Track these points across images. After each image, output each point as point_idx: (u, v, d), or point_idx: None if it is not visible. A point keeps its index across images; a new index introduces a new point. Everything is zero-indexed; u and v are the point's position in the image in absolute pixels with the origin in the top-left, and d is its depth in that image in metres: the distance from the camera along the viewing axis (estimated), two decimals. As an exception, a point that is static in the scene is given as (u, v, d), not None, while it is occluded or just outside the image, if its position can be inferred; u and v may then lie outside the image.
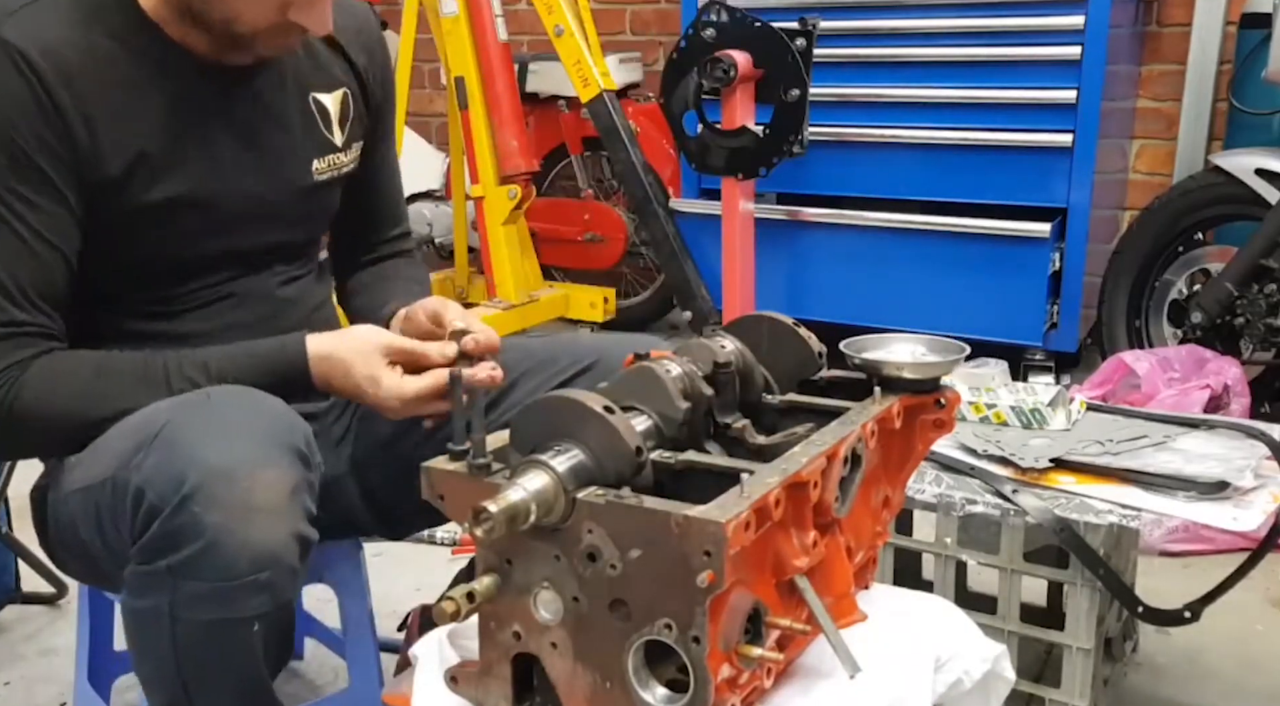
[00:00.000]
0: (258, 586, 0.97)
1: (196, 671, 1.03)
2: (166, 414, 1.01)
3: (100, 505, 1.06)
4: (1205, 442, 1.56)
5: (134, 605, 1.02)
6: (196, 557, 0.95)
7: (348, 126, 1.34)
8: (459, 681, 0.95)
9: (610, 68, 3.24)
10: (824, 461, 0.91)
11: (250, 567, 0.96)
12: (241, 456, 0.97)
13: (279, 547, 0.97)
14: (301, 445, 1.02)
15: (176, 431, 0.99)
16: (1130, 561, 1.65)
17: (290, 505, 0.98)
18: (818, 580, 0.94)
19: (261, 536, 0.96)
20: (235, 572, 0.96)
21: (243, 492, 0.95)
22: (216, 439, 0.98)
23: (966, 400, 1.67)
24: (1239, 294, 2.57)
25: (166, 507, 0.95)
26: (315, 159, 1.30)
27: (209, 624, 0.99)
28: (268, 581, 0.97)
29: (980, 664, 1.09)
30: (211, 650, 1.01)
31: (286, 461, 0.99)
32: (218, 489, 0.95)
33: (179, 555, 0.96)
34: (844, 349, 1.09)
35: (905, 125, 2.95)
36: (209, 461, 0.96)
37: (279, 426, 1.02)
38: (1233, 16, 3.09)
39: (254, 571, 0.96)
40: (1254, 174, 2.57)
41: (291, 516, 0.99)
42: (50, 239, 1.11)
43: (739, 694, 0.87)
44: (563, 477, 0.83)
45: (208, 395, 1.06)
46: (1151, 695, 1.72)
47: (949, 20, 2.85)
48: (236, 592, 0.96)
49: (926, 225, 2.93)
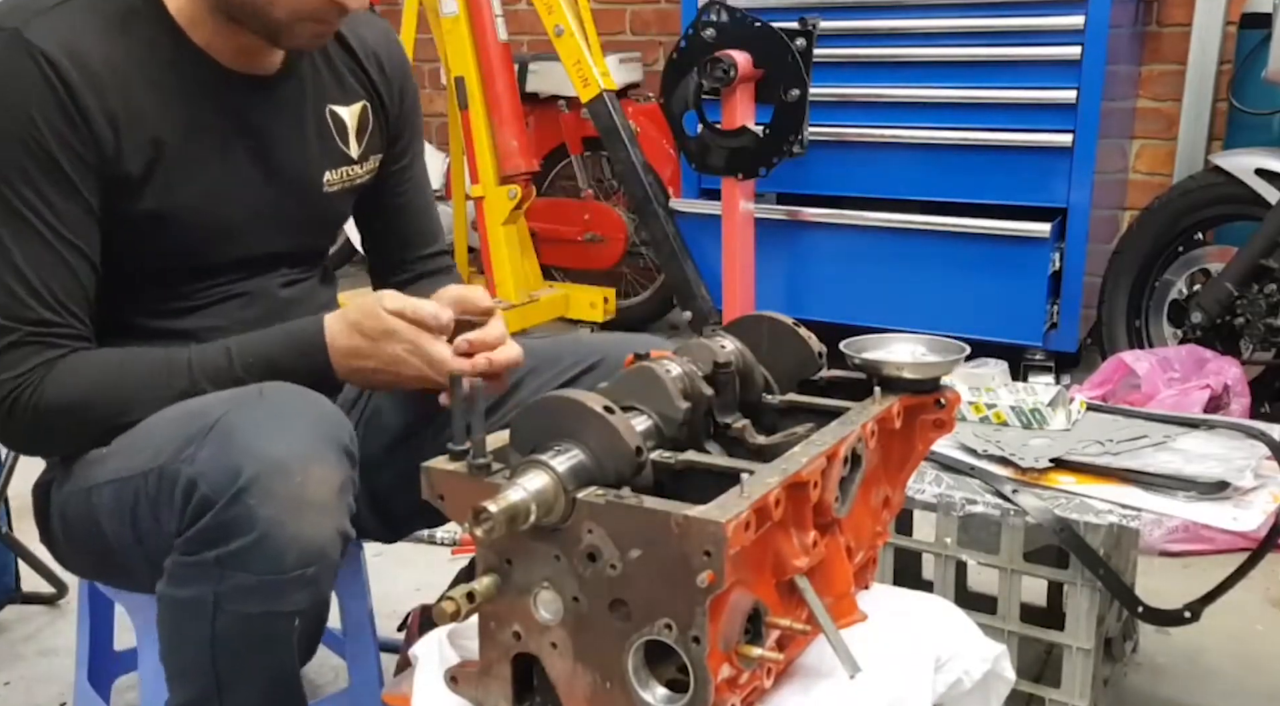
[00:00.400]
0: (303, 581, 0.98)
1: (232, 663, 1.03)
2: (220, 407, 1.03)
3: (140, 496, 1.06)
4: (1205, 442, 1.56)
5: (175, 594, 1.03)
6: (247, 550, 0.96)
7: (365, 139, 1.35)
8: (459, 681, 0.95)
9: (610, 68, 3.24)
10: (824, 461, 0.91)
11: (298, 562, 0.97)
12: (296, 451, 0.98)
13: (326, 543, 0.99)
14: (348, 442, 1.04)
15: (231, 425, 1.00)
16: (1130, 561, 1.65)
17: (338, 501, 1.00)
18: (818, 580, 0.94)
19: (311, 531, 0.98)
20: (283, 566, 0.97)
21: (297, 487, 0.97)
22: (272, 433, 0.99)
23: (966, 400, 1.67)
24: (1239, 294, 2.57)
25: (221, 499, 0.96)
26: (329, 170, 1.32)
27: (251, 617, 1.00)
28: (313, 576, 0.98)
29: (980, 664, 1.09)
30: (250, 643, 1.02)
31: (335, 457, 1.01)
32: (273, 482, 0.96)
33: (229, 547, 0.97)
34: (844, 349, 1.09)
35: (905, 125, 2.95)
36: (265, 454, 0.97)
37: (329, 423, 1.03)
38: (1233, 16, 3.10)
39: (301, 566, 0.97)
40: (1254, 174, 2.57)
41: (338, 513, 1.00)
42: (74, 240, 1.12)
43: (739, 694, 0.87)
44: (563, 477, 0.83)
45: (260, 391, 1.07)
46: (1151, 695, 1.72)
47: (949, 20, 2.85)
48: (283, 586, 0.98)
49: (926, 225, 2.94)
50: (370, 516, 1.38)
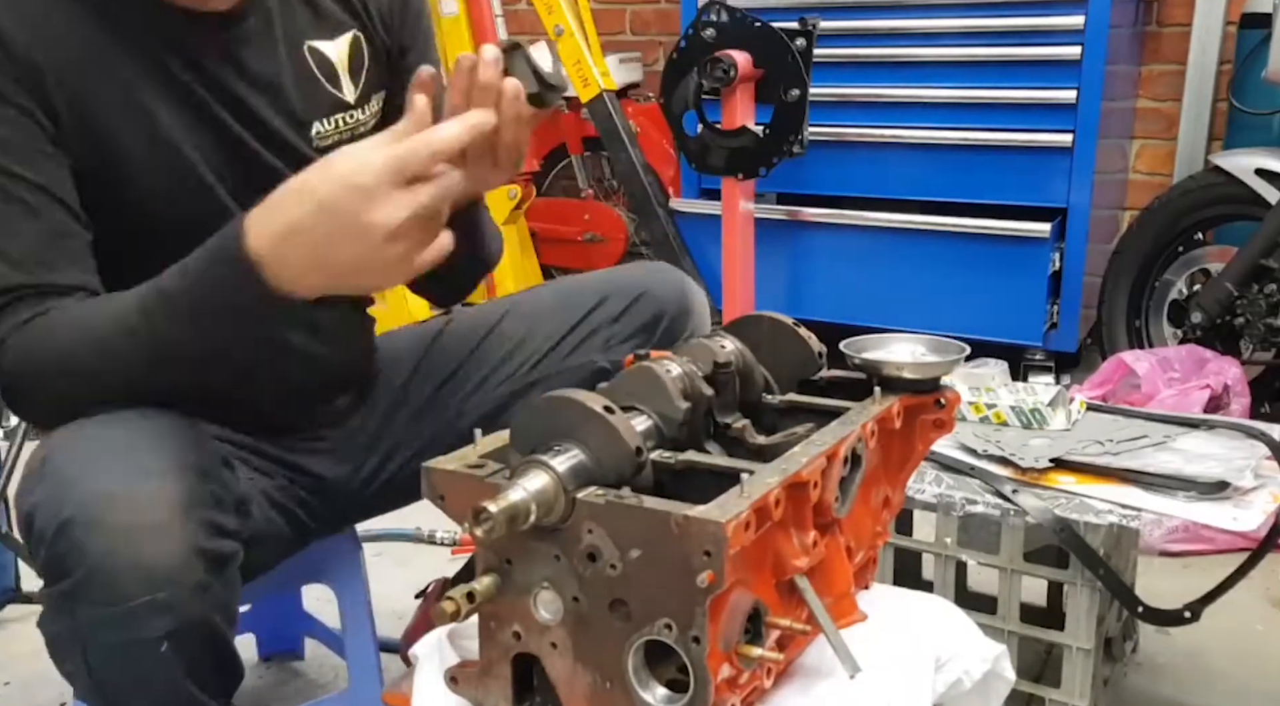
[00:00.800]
0: (156, 606, 0.92)
1: (115, 692, 0.99)
2: (58, 439, 0.98)
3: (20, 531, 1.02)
4: (1205, 442, 1.56)
5: (47, 627, 0.99)
6: (85, 582, 0.91)
7: (362, 76, 1.19)
8: (459, 681, 0.95)
9: (610, 68, 3.24)
10: (824, 461, 0.91)
11: (142, 588, 0.91)
12: (120, 477, 0.93)
13: (175, 565, 0.92)
14: (196, 459, 0.97)
15: (61, 457, 0.96)
16: (1130, 561, 1.65)
17: (182, 520, 0.93)
18: (818, 580, 0.94)
19: (151, 556, 0.91)
20: (127, 594, 0.91)
21: (123, 513, 0.91)
22: (96, 461, 0.94)
23: (966, 400, 1.67)
24: (1239, 294, 2.57)
25: (49, 533, 0.92)
26: (317, 121, 1.16)
27: (115, 647, 0.94)
28: (166, 601, 0.92)
29: (980, 664, 1.09)
30: (124, 671, 0.97)
31: (172, 476, 0.94)
32: (96, 511, 0.91)
33: (70, 580, 0.92)
34: (844, 349, 1.09)
35: (905, 125, 2.95)
36: (86, 485, 0.92)
37: (167, 444, 0.97)
38: (1233, 16, 3.09)
39: (148, 592, 0.91)
40: (1254, 174, 2.56)
41: (185, 532, 0.93)
42: (53, 192, 1.03)
43: (739, 694, 0.87)
44: (563, 477, 0.83)
45: (104, 418, 0.99)
46: (1151, 695, 1.72)
47: (949, 20, 2.85)
48: (133, 614, 0.92)
49: (926, 225, 2.93)
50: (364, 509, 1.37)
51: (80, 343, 1.01)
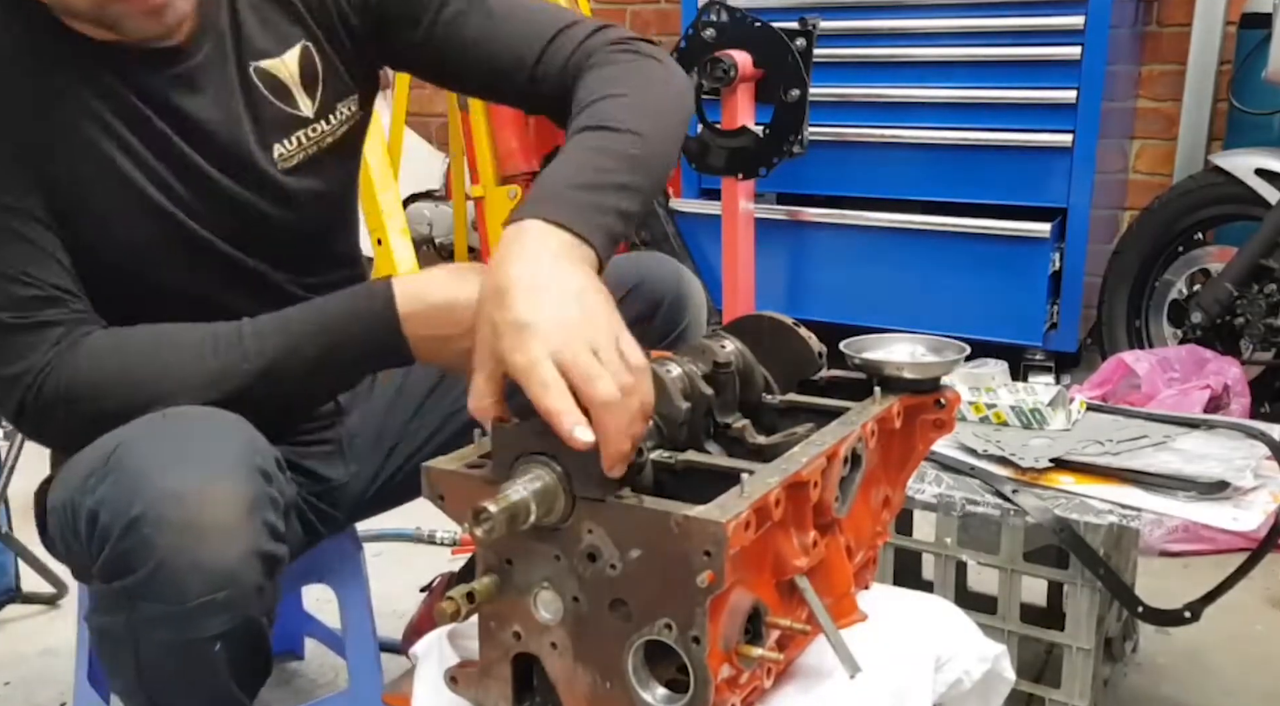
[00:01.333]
0: (215, 606, 0.93)
1: (161, 689, 1.00)
2: (118, 437, 0.98)
3: (64, 528, 1.03)
4: (1205, 442, 1.56)
5: (99, 622, 1.00)
6: (148, 580, 0.92)
7: (318, 88, 1.15)
8: (459, 681, 0.95)
9: (610, 68, 3.24)
10: (824, 461, 0.91)
11: (205, 588, 0.92)
12: (192, 475, 0.93)
13: (236, 566, 0.93)
14: (261, 462, 0.97)
15: (127, 454, 0.95)
16: (1130, 561, 1.65)
17: (247, 522, 0.94)
18: (818, 580, 0.94)
19: (215, 556, 0.92)
20: (189, 594, 0.92)
21: (192, 512, 0.91)
22: (167, 460, 0.94)
23: (966, 400, 1.67)
24: (1239, 294, 2.56)
25: (117, 530, 0.92)
26: (277, 142, 1.13)
27: (169, 644, 0.95)
28: (226, 601, 0.93)
29: (980, 664, 1.09)
30: (174, 669, 0.98)
31: (241, 477, 0.94)
32: (166, 509, 0.91)
33: (133, 577, 0.92)
34: (844, 349, 1.09)
35: (905, 125, 2.95)
36: (157, 483, 0.92)
37: (233, 444, 0.97)
38: (1233, 16, 3.09)
39: (210, 592, 0.92)
40: (1254, 174, 2.56)
41: (249, 533, 0.94)
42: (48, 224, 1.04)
43: (739, 694, 0.87)
44: (563, 477, 0.83)
45: (163, 414, 1.00)
46: (1151, 695, 1.72)
47: (949, 20, 2.85)
48: (193, 614, 0.93)
49: (926, 225, 2.94)
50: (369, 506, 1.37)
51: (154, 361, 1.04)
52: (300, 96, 1.14)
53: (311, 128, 1.16)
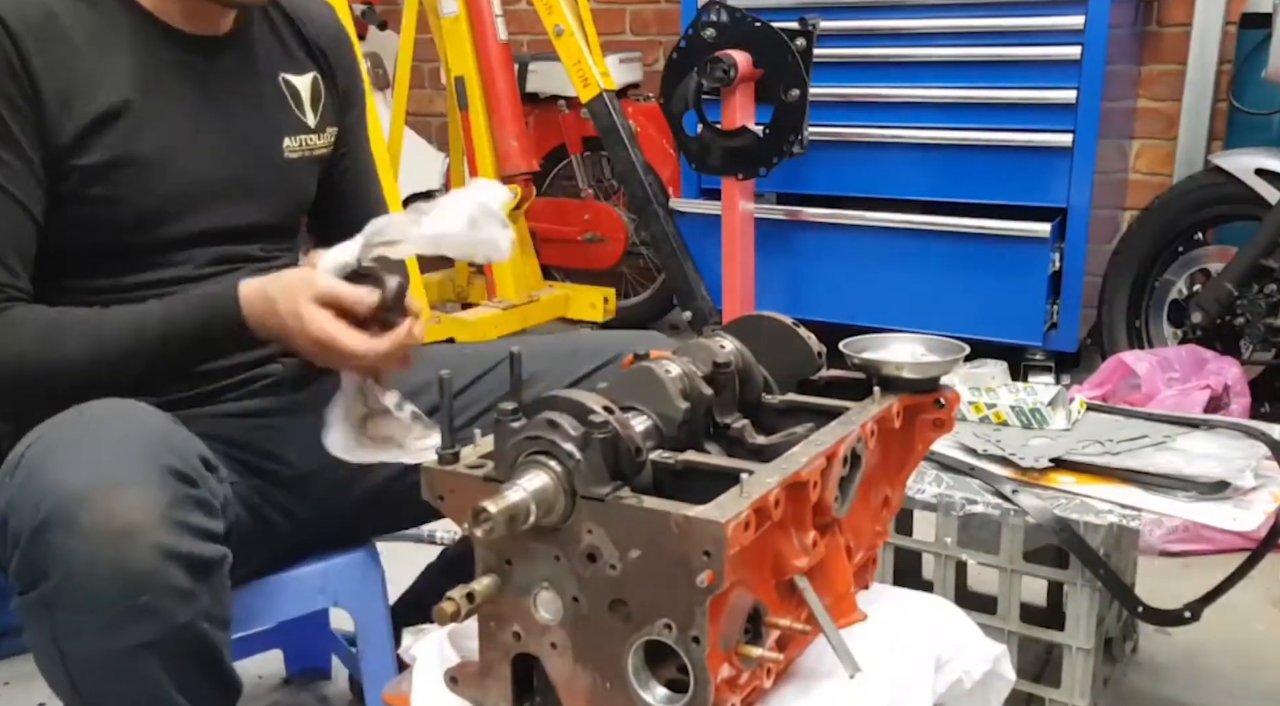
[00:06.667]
0: (136, 612, 0.91)
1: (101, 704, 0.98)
2: (35, 434, 0.97)
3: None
4: (1205, 442, 1.56)
5: (27, 639, 0.97)
6: (61, 587, 0.90)
7: (320, 109, 1.35)
8: (459, 681, 0.95)
9: (610, 68, 3.24)
10: (824, 461, 0.91)
11: (121, 593, 0.90)
12: (100, 477, 0.91)
13: (153, 569, 0.91)
14: (176, 461, 0.96)
15: (38, 452, 0.94)
16: (1130, 561, 1.65)
17: (160, 523, 0.92)
18: (818, 580, 0.94)
19: (129, 559, 0.90)
20: (105, 601, 0.90)
21: (103, 515, 0.90)
22: (74, 461, 0.93)
23: (966, 400, 1.67)
24: (1239, 294, 2.56)
25: (25, 534, 0.91)
26: (287, 137, 1.31)
27: (95, 656, 0.93)
28: (148, 605, 0.91)
29: (980, 664, 1.09)
30: (108, 682, 0.95)
31: (153, 478, 0.93)
32: (75, 512, 0.89)
33: (47, 584, 0.91)
34: (844, 349, 1.09)
35: (905, 125, 2.95)
36: (65, 485, 0.91)
37: (147, 443, 0.96)
38: (1233, 16, 3.09)
39: (129, 596, 0.90)
40: (1254, 174, 2.56)
41: (164, 535, 0.92)
42: (16, 194, 1.09)
43: (739, 694, 0.87)
44: (563, 477, 0.83)
45: (80, 411, 1.00)
46: (1151, 695, 1.72)
47: (949, 20, 2.85)
48: (116, 620, 0.91)
49: (926, 225, 2.94)
50: (355, 516, 1.37)
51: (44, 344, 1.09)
52: (309, 110, 1.34)
53: (311, 136, 1.34)
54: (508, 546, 0.87)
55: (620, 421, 0.85)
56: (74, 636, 0.92)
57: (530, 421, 0.85)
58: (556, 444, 0.83)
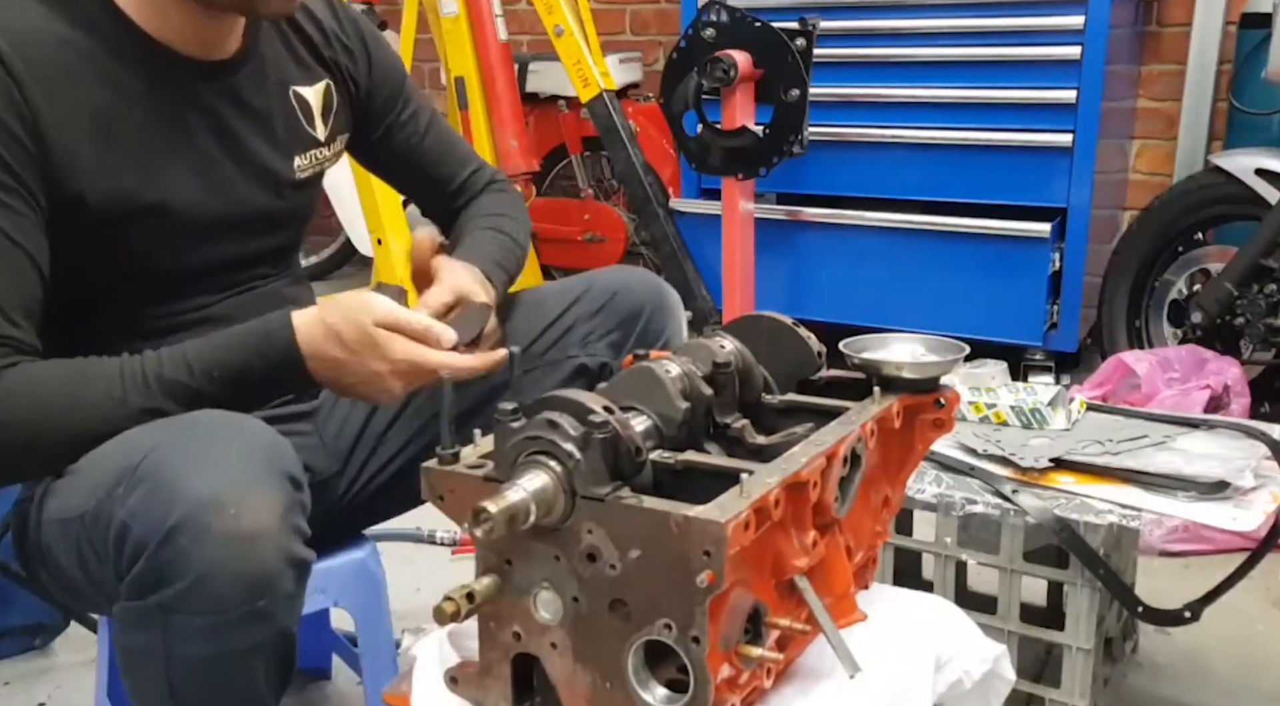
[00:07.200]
0: (255, 615, 0.93)
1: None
2: (148, 443, 0.97)
3: (80, 539, 1.01)
4: (1205, 442, 1.56)
5: (125, 642, 0.98)
6: (188, 592, 0.91)
7: (330, 119, 1.32)
8: (459, 681, 0.95)
9: (610, 68, 3.24)
10: (823, 461, 0.91)
11: (245, 597, 0.91)
12: (229, 483, 0.92)
13: (274, 573, 0.93)
14: (289, 467, 0.97)
15: (159, 462, 0.94)
16: (1130, 561, 1.65)
17: (282, 528, 0.94)
18: (818, 580, 0.94)
19: (255, 564, 0.92)
20: (230, 604, 0.91)
21: (232, 520, 0.91)
22: (201, 467, 0.93)
23: (966, 400, 1.67)
24: (1239, 294, 2.56)
25: (152, 542, 0.91)
26: (298, 155, 1.28)
27: (205, 659, 0.94)
28: (265, 609, 0.93)
29: (980, 664, 1.09)
30: (209, 686, 0.97)
31: (275, 484, 0.95)
32: (206, 518, 0.90)
33: (170, 590, 0.91)
34: (844, 349, 1.09)
35: (905, 125, 2.95)
36: (195, 490, 0.91)
37: (264, 450, 0.97)
38: (1233, 16, 3.09)
39: (250, 601, 0.92)
40: (1254, 174, 2.56)
41: (285, 540, 0.94)
42: (21, 243, 1.03)
43: (739, 694, 0.87)
44: (563, 477, 0.83)
45: (192, 421, 1.01)
46: (1151, 695, 1.71)
47: (949, 20, 2.85)
48: (233, 624, 0.92)
49: (926, 225, 2.93)
50: (347, 513, 1.38)
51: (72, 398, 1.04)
52: (319, 122, 1.31)
53: (320, 150, 1.31)
54: (508, 546, 0.87)
55: (620, 421, 0.85)
56: (187, 639, 0.93)
57: (530, 421, 0.85)
58: (556, 444, 0.83)
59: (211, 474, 0.92)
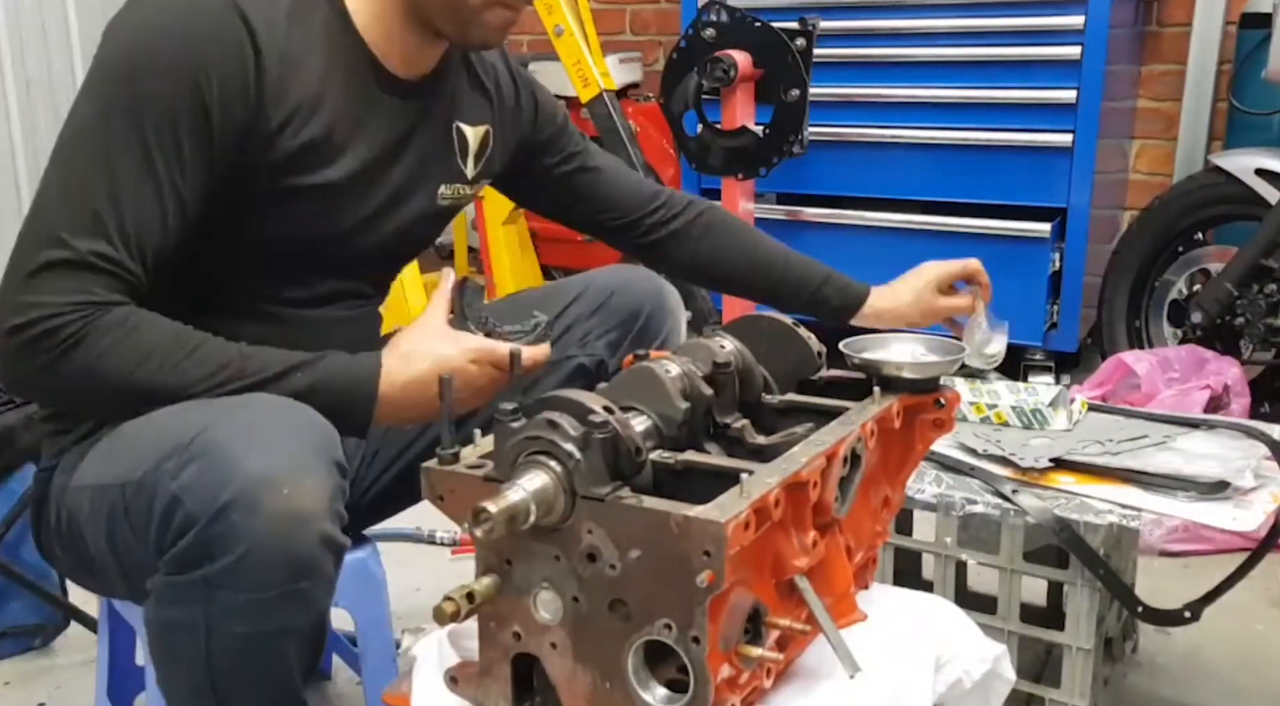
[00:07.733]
0: (295, 596, 0.94)
1: (230, 686, 0.99)
2: (202, 419, 0.98)
3: (116, 509, 1.02)
4: (1205, 442, 1.56)
5: (164, 617, 0.98)
6: (235, 567, 0.92)
7: (482, 162, 1.36)
8: (459, 681, 0.95)
9: (610, 68, 3.24)
10: (823, 461, 0.91)
11: (289, 577, 0.93)
12: (284, 463, 0.94)
13: (317, 555, 0.95)
14: (337, 454, 0.99)
15: (215, 438, 0.95)
16: (1130, 561, 1.65)
17: (328, 513, 0.95)
18: (818, 580, 0.94)
19: (302, 545, 0.93)
20: (273, 582, 0.93)
21: (285, 500, 0.92)
22: (258, 445, 0.94)
23: (966, 400, 1.67)
24: (1239, 294, 2.56)
25: (204, 517, 0.92)
26: (444, 184, 1.31)
27: (246, 636, 0.96)
28: (306, 591, 0.95)
29: (980, 664, 1.09)
30: (247, 663, 0.98)
31: (326, 469, 0.97)
32: (261, 496, 0.92)
33: (215, 565, 0.92)
34: (844, 349, 1.09)
35: (905, 125, 2.95)
36: (252, 467, 0.92)
37: (316, 433, 0.99)
38: (1233, 16, 3.09)
39: (292, 580, 0.93)
40: (1254, 174, 2.56)
41: (329, 524, 0.96)
42: (183, 196, 1.07)
43: (739, 694, 0.87)
44: (563, 477, 0.83)
45: (246, 401, 1.02)
46: (1151, 695, 1.71)
47: (949, 20, 2.85)
48: (276, 603, 0.94)
49: (926, 225, 2.93)
50: None
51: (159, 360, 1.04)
52: (471, 160, 1.34)
53: (466, 186, 1.35)
54: (508, 546, 0.87)
55: (620, 421, 0.85)
56: (229, 615, 0.95)
57: (530, 421, 0.85)
58: (556, 444, 0.83)
59: (268, 453, 0.94)
